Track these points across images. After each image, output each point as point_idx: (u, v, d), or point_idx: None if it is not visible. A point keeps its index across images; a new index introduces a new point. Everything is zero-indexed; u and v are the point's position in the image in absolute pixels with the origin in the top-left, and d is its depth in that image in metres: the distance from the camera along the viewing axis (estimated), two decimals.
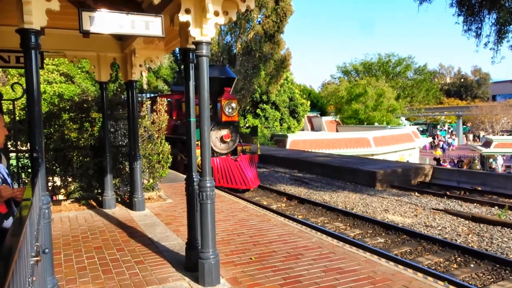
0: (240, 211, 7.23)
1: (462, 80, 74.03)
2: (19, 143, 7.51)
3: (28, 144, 4.92)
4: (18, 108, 8.00)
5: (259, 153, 12.58)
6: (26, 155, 7.44)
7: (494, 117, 41.18)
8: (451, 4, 14.94)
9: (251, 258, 4.77)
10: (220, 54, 26.51)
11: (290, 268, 4.45)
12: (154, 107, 10.42)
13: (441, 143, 43.69)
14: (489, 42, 14.80)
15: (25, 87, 3.59)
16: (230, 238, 5.58)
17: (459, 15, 14.99)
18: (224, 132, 12.49)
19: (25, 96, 3.85)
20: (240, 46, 25.94)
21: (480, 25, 14.62)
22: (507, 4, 13.48)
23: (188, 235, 4.50)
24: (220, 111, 12.19)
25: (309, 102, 38.72)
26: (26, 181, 7.28)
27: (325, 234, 5.81)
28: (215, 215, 4.07)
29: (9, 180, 3.14)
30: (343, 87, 41.42)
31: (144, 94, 20.20)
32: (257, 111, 33.72)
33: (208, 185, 3.95)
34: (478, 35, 14.80)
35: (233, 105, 12.16)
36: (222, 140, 12.48)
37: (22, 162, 7.63)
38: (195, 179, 4.35)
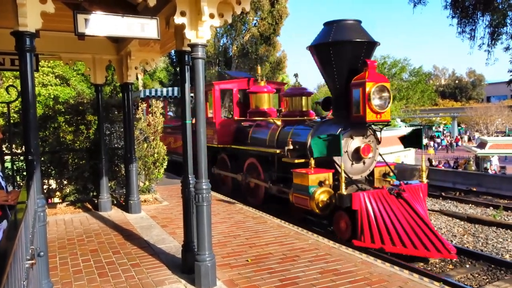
0: (237, 213, 7.22)
1: (457, 81, 74.38)
2: (14, 146, 7.48)
3: (23, 147, 4.90)
4: (13, 111, 7.96)
5: (425, 180, 6.81)
6: (21, 158, 7.41)
7: (489, 118, 41.39)
8: (445, 6, 15.05)
9: (247, 260, 4.77)
10: (216, 56, 26.52)
11: (286, 270, 4.45)
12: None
13: (434, 143, 43.87)
14: (483, 44, 14.92)
15: (20, 90, 3.58)
16: (226, 240, 5.57)
17: (453, 17, 15.10)
18: (359, 141, 6.82)
19: (20, 98, 3.83)
20: (236, 48, 25.98)
21: (474, 27, 14.74)
22: (500, 7, 13.59)
23: (184, 238, 4.49)
24: (360, 104, 6.47)
25: None
26: (21, 184, 7.25)
27: (321, 236, 5.81)
28: (211, 217, 4.07)
29: (3, 183, 3.13)
30: None
31: (168, 89, 16.67)
32: None
33: (204, 187, 3.95)
34: (472, 37, 14.92)
35: (385, 93, 6.56)
36: (356, 155, 6.79)
37: (17, 165, 7.59)
38: (191, 182, 4.35)
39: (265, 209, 7.78)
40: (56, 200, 8.42)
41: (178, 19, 3.85)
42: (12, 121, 7.28)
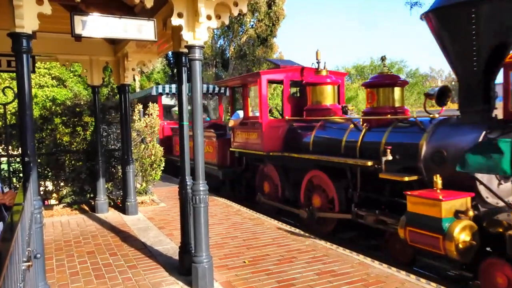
0: (234, 214, 7.21)
1: (453, 83, 74.71)
2: (10, 147, 7.45)
3: (20, 148, 4.89)
4: (10, 112, 7.93)
5: None
6: (18, 159, 7.38)
7: None
8: None
9: (244, 262, 4.76)
10: (213, 57, 26.52)
11: (283, 271, 4.45)
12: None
13: None
14: None
15: (16, 91, 3.57)
16: (223, 242, 5.56)
17: None
18: None
19: (16, 100, 3.83)
20: (233, 49, 25.99)
21: None
22: None
23: (182, 239, 4.49)
24: None
25: None
26: (18, 185, 7.22)
27: (318, 237, 5.81)
28: (208, 219, 4.06)
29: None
30: None
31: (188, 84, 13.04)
32: None
33: (201, 188, 3.94)
34: None
35: None
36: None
37: (14, 166, 7.56)
38: (188, 183, 4.34)
39: (344, 243, 5.87)
40: (52, 201, 8.40)
41: (175, 21, 3.85)
42: (8, 122, 7.25)
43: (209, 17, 3.89)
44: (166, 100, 13.63)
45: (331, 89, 7.63)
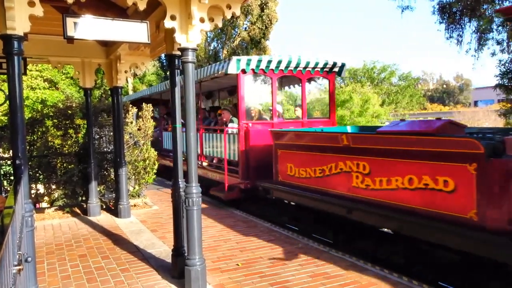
0: (227, 217, 7.20)
1: (445, 86, 75.47)
2: (1, 150, 7.38)
3: (11, 151, 4.85)
4: (0, 114, 7.87)
5: None
6: (9, 162, 7.31)
7: (476, 122, 42.00)
8: (433, 12, 15.32)
9: (237, 264, 4.76)
10: (207, 60, 26.54)
11: (277, 274, 4.45)
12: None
13: None
14: (470, 49, 15.21)
15: (7, 93, 3.54)
16: (216, 245, 5.55)
17: (440, 22, 15.39)
18: None
19: (7, 102, 3.80)
20: (226, 52, 26.02)
21: (461, 32, 15.02)
22: (487, 13, 13.85)
23: (174, 242, 4.47)
24: None
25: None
26: (9, 189, 7.15)
27: (311, 240, 5.83)
28: (201, 221, 4.06)
29: None
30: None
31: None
32: None
33: (194, 191, 3.93)
34: (459, 42, 15.21)
35: None
36: None
37: (5, 169, 7.49)
38: (181, 186, 4.33)
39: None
40: (44, 205, 8.32)
41: (168, 23, 3.85)
42: None
43: (202, 20, 3.89)
44: (250, 83, 8.03)
45: None
